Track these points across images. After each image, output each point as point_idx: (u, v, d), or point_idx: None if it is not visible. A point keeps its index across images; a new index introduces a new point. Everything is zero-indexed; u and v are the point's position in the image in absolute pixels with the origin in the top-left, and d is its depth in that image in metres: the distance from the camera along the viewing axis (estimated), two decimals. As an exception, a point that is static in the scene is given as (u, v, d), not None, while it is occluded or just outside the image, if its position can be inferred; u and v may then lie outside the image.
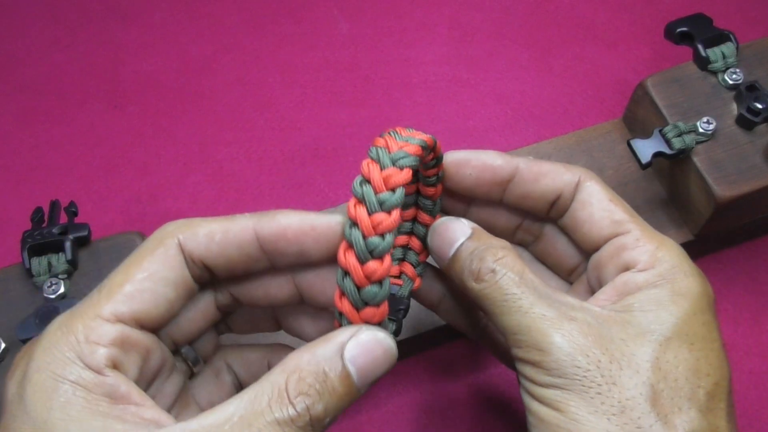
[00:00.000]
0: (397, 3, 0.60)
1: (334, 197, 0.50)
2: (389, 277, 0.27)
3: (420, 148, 0.27)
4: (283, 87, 0.55)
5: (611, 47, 0.57)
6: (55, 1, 0.60)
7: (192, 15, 0.59)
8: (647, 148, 0.41)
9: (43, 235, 0.38)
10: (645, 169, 0.42)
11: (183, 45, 0.58)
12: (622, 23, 0.58)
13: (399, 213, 0.26)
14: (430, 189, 0.32)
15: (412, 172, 0.27)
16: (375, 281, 0.26)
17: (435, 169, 0.31)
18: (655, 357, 0.26)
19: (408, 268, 0.34)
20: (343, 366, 0.25)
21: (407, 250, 0.34)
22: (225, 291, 0.29)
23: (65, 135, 0.53)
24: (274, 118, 0.54)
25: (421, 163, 0.29)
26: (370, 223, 0.25)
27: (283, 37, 0.58)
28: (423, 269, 0.34)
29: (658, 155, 0.41)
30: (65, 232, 0.38)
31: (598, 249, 0.31)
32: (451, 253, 0.30)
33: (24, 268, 0.38)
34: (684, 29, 0.45)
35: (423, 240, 0.33)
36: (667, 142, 0.41)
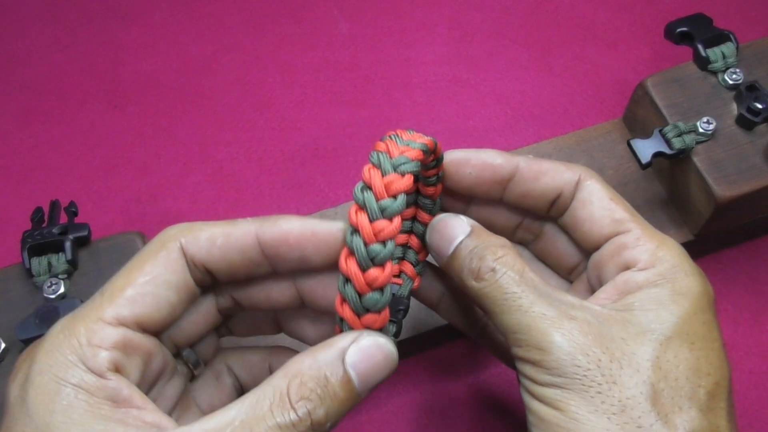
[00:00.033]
0: (397, 3, 0.60)
1: (334, 197, 0.50)
2: (390, 284, 0.27)
3: (421, 152, 0.27)
4: (283, 87, 0.55)
5: (611, 47, 0.57)
6: (55, 1, 0.60)
7: (192, 15, 0.59)
8: (647, 148, 0.41)
9: (43, 235, 0.38)
10: (645, 169, 0.42)
11: (183, 45, 0.58)
12: (622, 23, 0.58)
13: (400, 220, 0.26)
14: (429, 188, 0.32)
15: (413, 177, 0.27)
16: (376, 288, 0.26)
17: (435, 170, 0.31)
18: (656, 356, 0.26)
19: (407, 267, 0.34)
20: (345, 371, 0.25)
21: (407, 248, 0.34)
22: (226, 294, 0.29)
23: (65, 135, 0.53)
24: (274, 118, 0.54)
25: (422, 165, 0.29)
26: (371, 231, 0.25)
27: (283, 37, 0.58)
28: (422, 268, 0.34)
29: (658, 155, 0.41)
30: (65, 232, 0.38)
31: (598, 248, 0.31)
32: (450, 251, 0.30)
33: (24, 268, 0.38)
34: (684, 29, 0.45)
35: (422, 239, 0.33)
36: (667, 142, 0.41)
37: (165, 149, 0.53)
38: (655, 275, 0.28)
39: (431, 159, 0.29)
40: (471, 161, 0.32)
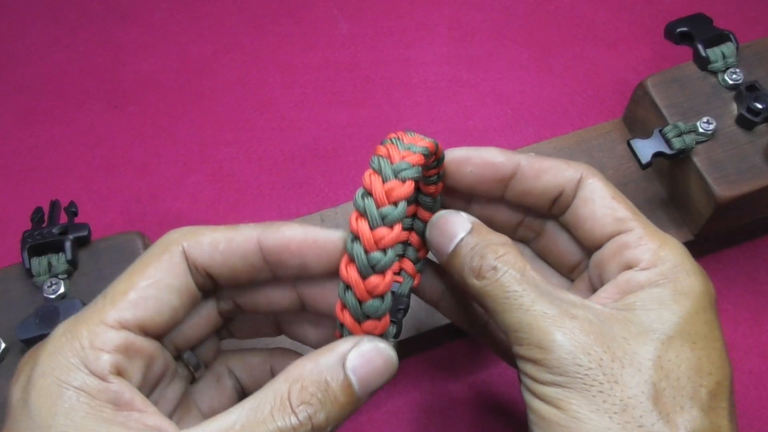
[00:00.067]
0: (397, 3, 0.60)
1: (334, 197, 0.50)
2: (391, 292, 0.27)
3: (423, 157, 0.27)
4: (283, 87, 0.55)
5: (611, 47, 0.57)
6: (55, 1, 0.60)
7: (192, 15, 0.59)
8: (647, 148, 0.41)
9: (43, 235, 0.38)
10: (645, 169, 0.42)
11: (183, 45, 0.58)
12: (622, 23, 0.58)
13: (401, 227, 0.26)
14: (430, 187, 0.32)
15: (414, 183, 0.26)
16: (377, 296, 0.26)
17: (436, 169, 0.31)
18: (657, 356, 0.26)
19: (408, 264, 0.33)
20: (345, 375, 0.25)
21: (407, 246, 0.34)
22: (227, 298, 0.30)
23: (65, 135, 0.53)
24: (274, 118, 0.54)
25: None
26: (372, 238, 0.25)
27: (283, 37, 0.58)
28: (423, 266, 0.34)
29: (658, 155, 0.41)
30: (65, 232, 0.38)
31: (600, 247, 0.31)
32: (451, 248, 0.30)
33: (24, 268, 0.38)
34: (684, 29, 0.45)
35: (423, 236, 0.33)
36: (667, 142, 0.41)
37: (165, 149, 0.53)
38: (657, 275, 0.28)
39: (432, 160, 0.29)
40: (472, 160, 0.31)
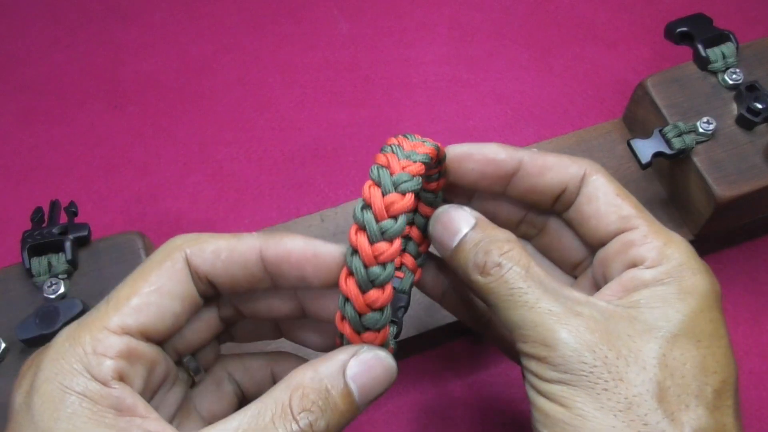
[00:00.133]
0: (397, 3, 0.60)
1: (334, 197, 0.50)
2: (390, 305, 0.27)
3: (423, 166, 0.27)
4: (283, 87, 0.55)
5: (611, 47, 0.57)
6: (55, 1, 0.60)
7: (192, 15, 0.59)
8: (647, 148, 0.41)
9: (43, 235, 0.38)
10: (645, 169, 0.42)
11: (183, 45, 0.58)
12: (622, 23, 0.58)
13: (401, 241, 0.26)
14: (432, 184, 0.31)
15: (414, 195, 0.26)
16: (376, 309, 0.26)
17: (437, 168, 0.30)
18: (662, 354, 0.26)
19: (408, 259, 0.33)
20: (345, 383, 0.25)
21: (408, 240, 0.33)
22: (229, 304, 0.30)
23: (65, 135, 0.53)
24: (274, 118, 0.54)
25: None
26: (371, 253, 0.25)
27: (283, 37, 0.58)
28: (424, 260, 0.34)
29: (658, 155, 0.41)
30: (65, 232, 0.38)
31: (604, 244, 0.30)
32: (455, 244, 0.30)
33: (24, 268, 0.38)
34: (684, 29, 0.45)
35: (424, 231, 0.33)
36: (667, 142, 0.41)
37: (165, 149, 0.53)
38: (662, 273, 0.28)
39: (434, 166, 0.29)
40: (474, 156, 0.31)
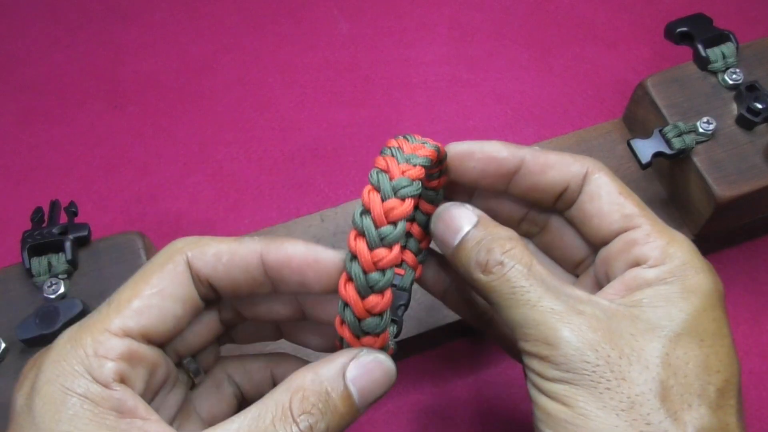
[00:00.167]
0: (397, 3, 0.60)
1: (334, 197, 0.50)
2: (389, 311, 0.27)
3: (423, 169, 0.27)
4: (283, 87, 0.55)
5: (611, 47, 0.57)
6: (55, 1, 0.60)
7: (192, 15, 0.59)
8: (647, 148, 0.41)
9: (43, 235, 0.38)
10: (645, 169, 0.42)
11: (183, 45, 0.58)
12: (622, 23, 0.58)
13: (400, 247, 0.26)
14: (433, 182, 0.31)
15: (414, 200, 0.26)
16: (375, 314, 0.26)
17: (438, 167, 0.30)
18: (665, 353, 0.26)
19: (409, 256, 0.33)
20: (345, 386, 0.25)
21: (408, 237, 0.33)
22: (229, 307, 0.30)
23: (65, 135, 0.53)
24: (274, 118, 0.54)
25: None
26: (370, 259, 0.25)
27: (283, 37, 0.58)
28: (425, 257, 0.34)
29: (658, 155, 0.41)
30: (65, 232, 0.38)
31: (606, 243, 0.30)
32: (457, 242, 0.30)
33: (24, 268, 0.38)
34: (684, 29, 0.45)
35: (425, 227, 0.32)
36: (667, 142, 0.41)
37: (165, 149, 0.53)
38: (665, 272, 0.28)
39: (435, 167, 0.29)
40: (475, 154, 0.31)
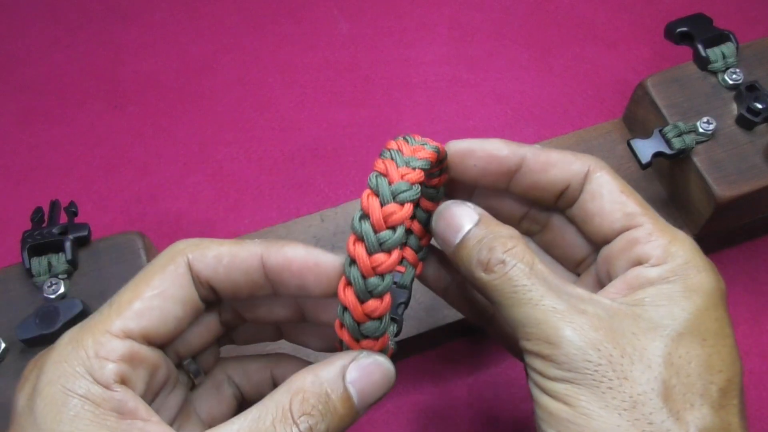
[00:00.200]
0: (397, 3, 0.60)
1: (334, 197, 0.50)
2: (389, 314, 0.27)
3: (423, 172, 0.27)
4: (283, 87, 0.55)
5: (611, 47, 0.57)
6: (55, 1, 0.60)
7: (192, 15, 0.59)
8: (647, 148, 0.41)
9: (43, 235, 0.38)
10: (645, 169, 0.42)
11: (183, 45, 0.58)
12: (622, 23, 0.58)
13: (399, 252, 0.26)
14: (433, 180, 0.31)
15: (413, 204, 0.26)
16: (375, 318, 0.26)
17: (439, 166, 0.30)
18: (667, 352, 0.26)
19: (409, 253, 0.33)
20: (345, 388, 0.26)
21: (409, 234, 0.33)
22: (230, 309, 0.30)
23: (65, 135, 0.53)
24: (274, 118, 0.54)
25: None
26: (369, 264, 0.25)
27: (283, 37, 0.58)
28: (425, 254, 0.33)
29: (658, 155, 0.41)
30: (65, 232, 0.38)
31: (608, 242, 0.30)
32: (458, 240, 0.29)
33: (24, 268, 0.38)
34: (684, 29, 0.45)
35: (425, 224, 0.32)
36: (667, 142, 0.41)
37: (165, 149, 0.53)
38: (667, 271, 0.28)
39: (435, 168, 0.29)
40: (476, 153, 0.31)
